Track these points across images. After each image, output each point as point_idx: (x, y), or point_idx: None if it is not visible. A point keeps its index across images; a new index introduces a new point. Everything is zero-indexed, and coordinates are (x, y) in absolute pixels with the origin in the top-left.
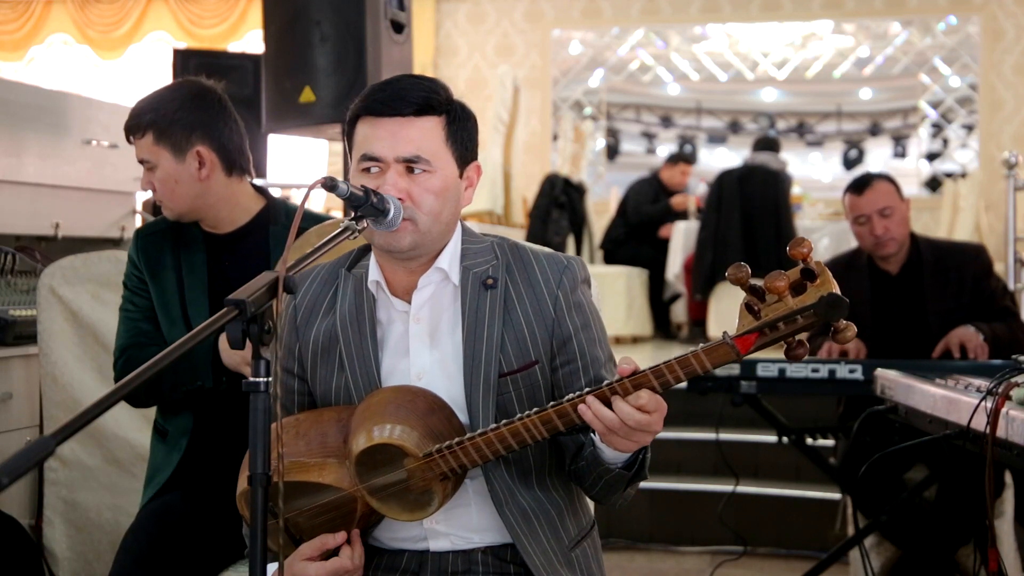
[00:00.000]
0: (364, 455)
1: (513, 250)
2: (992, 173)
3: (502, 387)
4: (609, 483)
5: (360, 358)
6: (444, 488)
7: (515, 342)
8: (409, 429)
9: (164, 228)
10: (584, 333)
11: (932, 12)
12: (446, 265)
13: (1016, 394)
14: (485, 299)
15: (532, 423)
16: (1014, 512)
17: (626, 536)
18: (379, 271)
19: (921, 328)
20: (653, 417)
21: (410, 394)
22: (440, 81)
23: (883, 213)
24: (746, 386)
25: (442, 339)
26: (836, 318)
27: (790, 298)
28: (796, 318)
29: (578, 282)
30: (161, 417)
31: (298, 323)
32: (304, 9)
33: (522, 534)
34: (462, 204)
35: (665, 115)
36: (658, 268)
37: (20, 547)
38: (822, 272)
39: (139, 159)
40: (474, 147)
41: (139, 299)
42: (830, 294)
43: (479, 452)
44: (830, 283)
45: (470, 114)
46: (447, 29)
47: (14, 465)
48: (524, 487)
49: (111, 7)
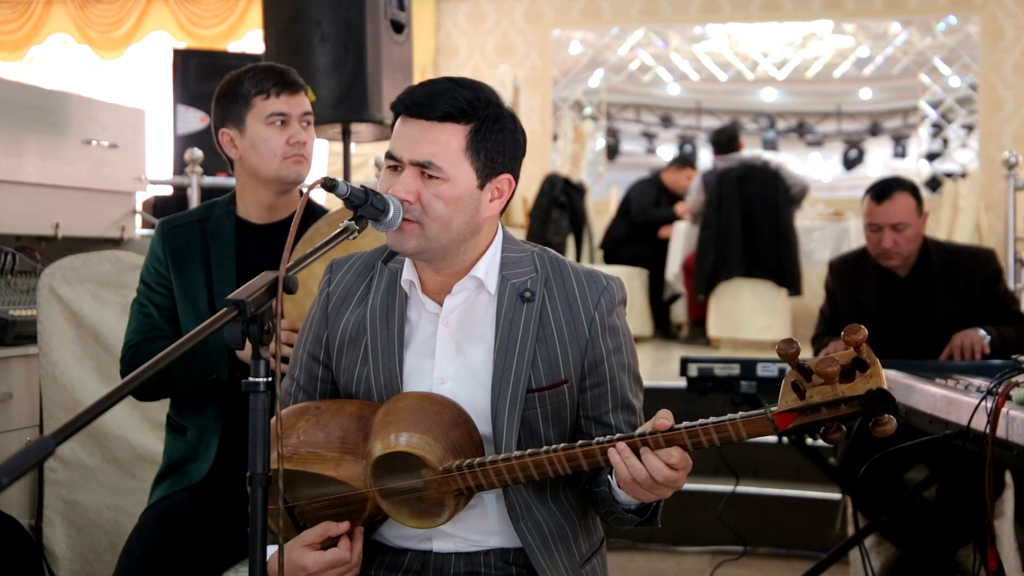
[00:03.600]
0: (383, 459)
1: (553, 263)
2: (992, 173)
3: (529, 403)
4: (619, 519)
5: (385, 353)
6: (457, 503)
7: (547, 359)
8: (432, 441)
9: (193, 220)
10: (616, 357)
11: (932, 12)
12: (482, 274)
13: (1016, 394)
14: (521, 311)
15: (557, 458)
16: (1014, 512)
17: (626, 536)
18: (413, 270)
19: (929, 331)
20: (679, 474)
21: (437, 404)
22: (484, 87)
23: (896, 228)
24: (746, 386)
25: (470, 347)
26: (881, 413)
27: (838, 384)
28: (840, 405)
29: (615, 304)
30: (176, 413)
31: (329, 311)
32: (304, 9)
33: (536, 549)
34: (484, 215)
35: (665, 115)
36: (658, 268)
37: (20, 547)
38: (873, 364)
39: (304, 111)
40: (505, 158)
41: (157, 296)
42: (879, 389)
43: (499, 476)
44: (880, 377)
45: (507, 124)
46: (447, 29)
47: (14, 465)
48: (540, 503)
49: (111, 7)
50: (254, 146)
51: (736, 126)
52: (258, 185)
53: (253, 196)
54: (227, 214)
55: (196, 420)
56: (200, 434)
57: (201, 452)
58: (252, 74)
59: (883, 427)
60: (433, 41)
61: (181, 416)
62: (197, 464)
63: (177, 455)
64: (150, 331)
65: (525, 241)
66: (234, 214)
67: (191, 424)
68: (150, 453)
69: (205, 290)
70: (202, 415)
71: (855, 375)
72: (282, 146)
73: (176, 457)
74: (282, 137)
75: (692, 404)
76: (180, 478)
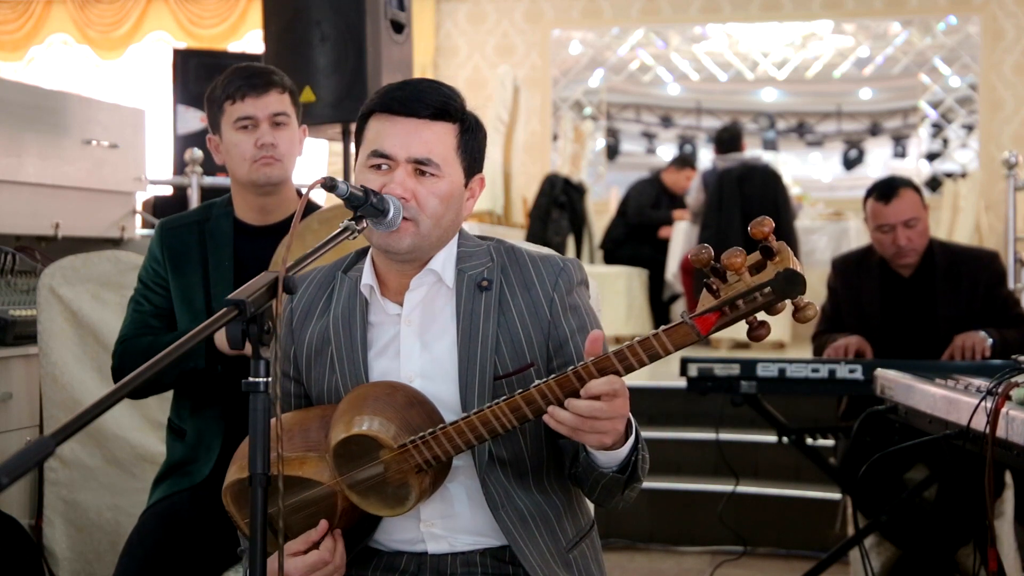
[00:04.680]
0: (341, 446)
1: (509, 252)
2: (992, 173)
3: (498, 390)
4: (606, 487)
5: (350, 360)
6: (421, 482)
7: (510, 344)
8: (386, 421)
9: (191, 221)
10: (580, 336)
11: (932, 12)
12: (439, 267)
13: (1016, 394)
14: (480, 301)
15: (501, 410)
16: (1014, 512)
17: (626, 536)
18: (372, 274)
19: (931, 332)
20: (615, 402)
21: (389, 388)
22: (457, 90)
23: (908, 224)
24: (746, 386)
25: (434, 341)
26: (794, 294)
27: (748, 276)
28: (755, 296)
29: (574, 284)
30: (177, 416)
31: (294, 326)
32: (304, 9)
33: (518, 536)
34: (463, 214)
35: (665, 115)
36: (658, 268)
37: (20, 547)
38: (781, 250)
39: (273, 112)
40: (481, 160)
41: (154, 295)
42: (787, 270)
43: (451, 441)
44: (789, 260)
45: (481, 127)
46: (447, 29)
47: (14, 465)
48: (521, 489)
49: (111, 7)
50: (228, 151)
51: (740, 126)
52: (242, 189)
53: (242, 199)
54: (225, 215)
55: (196, 423)
56: (200, 437)
57: (201, 454)
58: (223, 79)
59: (803, 312)
60: (433, 41)
61: (181, 419)
62: (198, 466)
63: (177, 457)
64: (141, 328)
65: (480, 236)
66: (232, 215)
67: (191, 427)
68: (150, 453)
69: (202, 291)
70: (202, 418)
71: (766, 264)
72: (251, 150)
73: (177, 459)
74: (250, 141)
75: (692, 404)
76: (181, 479)
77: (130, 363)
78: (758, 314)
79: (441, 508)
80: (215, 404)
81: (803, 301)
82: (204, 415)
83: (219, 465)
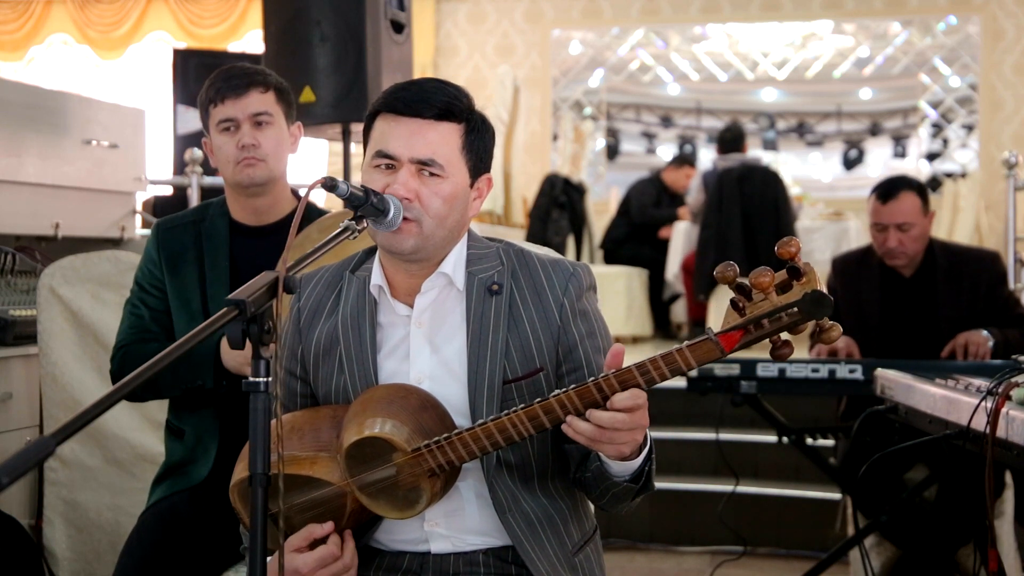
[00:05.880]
0: (354, 448)
1: (519, 256)
2: (992, 173)
3: (506, 394)
4: (616, 495)
5: (359, 361)
6: (432, 486)
7: (520, 349)
8: (399, 424)
9: (188, 222)
10: (589, 341)
11: (932, 12)
12: (450, 270)
13: (1016, 394)
14: (490, 305)
15: (519, 418)
16: (1014, 512)
17: (626, 536)
18: (382, 274)
19: (932, 333)
20: (635, 415)
21: (403, 391)
22: (464, 89)
23: (901, 227)
24: (746, 386)
25: (444, 344)
26: (820, 316)
27: (775, 296)
28: (780, 315)
29: (584, 289)
30: (175, 417)
31: (301, 325)
32: (304, 9)
33: (525, 540)
34: (469, 214)
35: (665, 115)
36: (658, 268)
37: (20, 547)
38: (808, 271)
39: (253, 112)
40: (488, 159)
41: (150, 298)
42: (814, 291)
43: (466, 447)
44: (815, 281)
45: (489, 127)
46: (447, 29)
47: (14, 465)
48: (527, 493)
49: (111, 7)
50: (215, 154)
51: (742, 127)
52: (232, 191)
53: (235, 201)
54: (221, 215)
55: (194, 424)
56: (198, 437)
57: (199, 455)
58: (208, 82)
59: (827, 333)
60: (433, 41)
61: (179, 420)
62: (197, 466)
63: (176, 457)
64: (141, 332)
65: (489, 238)
66: (228, 216)
67: (189, 428)
68: (150, 453)
69: (199, 292)
70: (199, 419)
71: (792, 285)
72: (233, 151)
73: (175, 459)
74: (232, 142)
75: (692, 404)
76: (180, 479)
77: (132, 371)
78: (782, 334)
79: (446, 508)
80: (211, 405)
81: (828, 323)
82: (202, 415)
83: (217, 466)
